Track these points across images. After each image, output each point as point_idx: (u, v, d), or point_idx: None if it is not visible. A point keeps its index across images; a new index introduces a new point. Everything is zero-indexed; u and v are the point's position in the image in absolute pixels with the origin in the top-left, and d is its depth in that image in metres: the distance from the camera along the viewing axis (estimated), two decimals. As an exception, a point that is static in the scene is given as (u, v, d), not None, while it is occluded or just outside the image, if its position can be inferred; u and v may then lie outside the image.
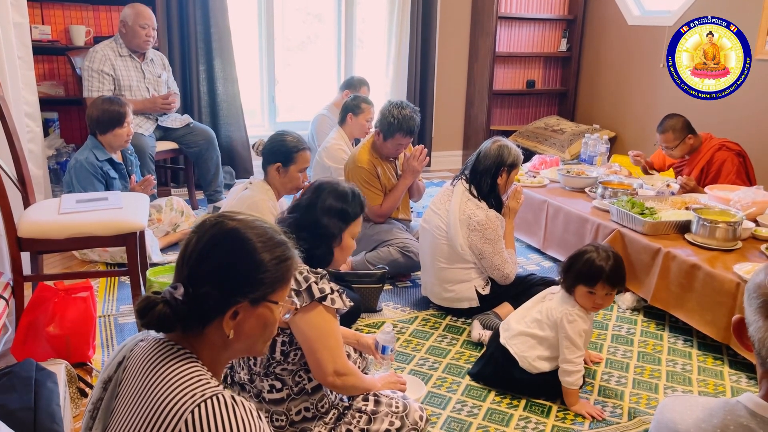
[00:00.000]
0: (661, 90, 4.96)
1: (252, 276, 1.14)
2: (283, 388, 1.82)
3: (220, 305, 1.12)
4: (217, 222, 1.17)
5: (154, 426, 1.02)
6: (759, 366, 1.01)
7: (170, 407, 1.03)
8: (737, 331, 1.05)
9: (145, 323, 1.11)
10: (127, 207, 2.68)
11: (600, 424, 2.22)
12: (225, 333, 1.14)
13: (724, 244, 2.82)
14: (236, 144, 4.89)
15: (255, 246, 1.15)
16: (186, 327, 1.13)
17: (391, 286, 3.27)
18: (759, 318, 0.98)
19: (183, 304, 1.10)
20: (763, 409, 0.98)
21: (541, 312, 2.29)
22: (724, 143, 3.55)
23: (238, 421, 1.03)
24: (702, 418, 1.03)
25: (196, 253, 1.14)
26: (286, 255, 1.19)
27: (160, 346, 1.14)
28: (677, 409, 1.08)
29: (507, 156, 2.80)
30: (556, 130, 5.51)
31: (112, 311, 2.91)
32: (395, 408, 1.93)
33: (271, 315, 1.19)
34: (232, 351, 1.19)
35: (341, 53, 5.42)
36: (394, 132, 3.26)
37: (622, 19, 5.28)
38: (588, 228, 3.29)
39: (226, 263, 1.13)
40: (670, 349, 2.74)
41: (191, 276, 1.13)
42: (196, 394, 1.04)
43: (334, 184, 1.93)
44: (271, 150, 2.81)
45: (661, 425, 1.09)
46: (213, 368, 1.15)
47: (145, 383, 1.09)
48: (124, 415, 1.09)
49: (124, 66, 3.94)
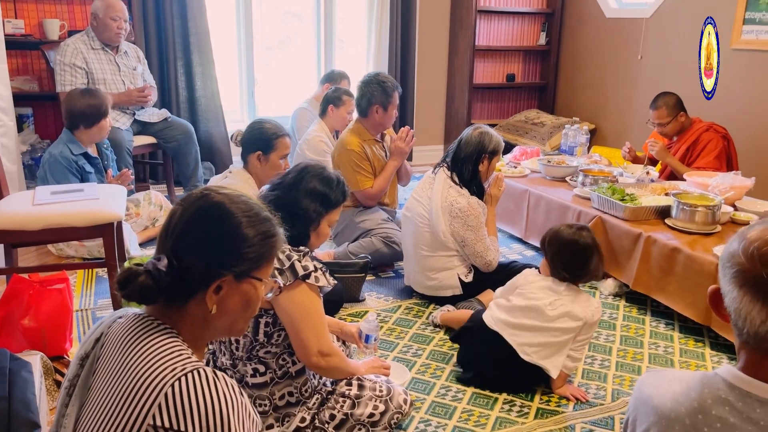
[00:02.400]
0: (639, 82, 5.00)
1: (236, 249, 1.12)
2: (266, 371, 1.80)
3: (204, 278, 1.10)
4: (203, 195, 1.15)
5: (133, 400, 1.00)
6: (736, 337, 1.00)
7: (150, 381, 1.00)
8: (713, 302, 1.04)
9: (126, 294, 1.08)
10: (104, 198, 2.64)
11: (584, 405, 2.22)
12: (207, 309, 1.12)
13: (704, 227, 2.85)
14: (215, 139, 4.83)
15: (240, 220, 1.13)
16: (168, 300, 1.11)
17: (373, 276, 3.25)
18: (734, 288, 0.96)
19: (166, 276, 1.08)
20: (742, 382, 0.97)
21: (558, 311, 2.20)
22: (711, 125, 3.62)
23: (220, 395, 1.01)
24: (679, 392, 1.02)
25: (181, 225, 1.12)
26: (271, 231, 1.18)
27: (139, 321, 1.11)
28: (655, 384, 1.07)
29: (488, 143, 2.79)
30: (536, 124, 5.53)
31: (90, 305, 2.86)
32: (379, 392, 1.91)
33: (254, 292, 1.17)
34: (213, 329, 1.17)
35: (321, 51, 5.39)
36: (392, 93, 3.30)
37: (600, 12, 5.32)
38: (569, 216, 3.30)
39: (211, 236, 1.11)
40: (652, 332, 2.76)
41: (175, 248, 1.11)
42: (176, 367, 1.02)
43: (320, 168, 1.91)
44: (250, 138, 2.78)
45: (639, 401, 1.08)
46: (194, 346, 1.13)
47: (123, 358, 1.06)
48: (102, 391, 1.06)
49: (97, 59, 3.87)
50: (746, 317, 0.95)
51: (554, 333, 2.18)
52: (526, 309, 2.22)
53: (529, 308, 2.22)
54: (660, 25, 4.78)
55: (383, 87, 3.29)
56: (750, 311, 0.94)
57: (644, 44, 4.92)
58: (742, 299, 0.95)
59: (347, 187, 1.92)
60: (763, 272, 0.92)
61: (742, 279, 0.95)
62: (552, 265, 2.25)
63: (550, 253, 2.25)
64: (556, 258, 2.24)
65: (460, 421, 2.11)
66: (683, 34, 4.58)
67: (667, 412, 1.01)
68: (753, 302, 0.94)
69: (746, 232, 0.99)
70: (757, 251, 0.94)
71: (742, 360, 1.00)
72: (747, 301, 0.94)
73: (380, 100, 3.28)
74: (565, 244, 2.22)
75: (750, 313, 0.94)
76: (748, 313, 0.95)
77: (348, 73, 4.58)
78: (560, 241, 2.23)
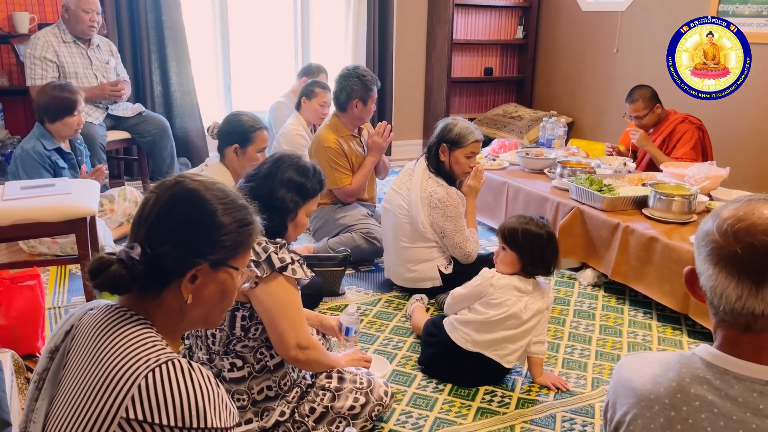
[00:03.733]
0: (616, 75, 5.04)
1: (212, 237, 1.09)
2: (244, 366, 1.77)
3: (179, 266, 1.07)
4: (177, 182, 1.12)
5: (105, 393, 0.96)
6: (712, 316, 1.00)
7: (122, 373, 0.97)
8: (689, 283, 1.04)
9: (97, 284, 1.05)
10: (76, 193, 2.58)
11: (564, 394, 2.22)
12: (182, 299, 1.09)
13: (680, 216, 2.87)
14: (191, 134, 4.76)
15: (216, 207, 1.10)
16: (142, 290, 1.07)
17: (353, 270, 3.23)
18: (709, 266, 0.97)
19: (140, 265, 1.04)
20: (719, 360, 0.97)
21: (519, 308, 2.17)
22: (687, 116, 3.67)
23: (195, 386, 0.98)
24: (658, 373, 1.02)
25: (155, 213, 1.09)
26: (247, 219, 1.15)
27: (111, 312, 1.08)
28: (634, 367, 1.07)
29: (447, 132, 2.77)
30: (514, 117, 5.55)
31: (63, 302, 2.80)
32: (359, 384, 1.90)
33: (231, 281, 1.14)
34: (188, 320, 1.13)
35: (298, 44, 5.34)
36: (372, 87, 3.27)
37: (576, 6, 5.34)
38: (548, 207, 3.31)
39: (186, 223, 1.08)
40: (631, 321, 2.78)
41: (149, 236, 1.08)
42: (150, 359, 0.99)
43: (295, 157, 1.88)
44: (227, 131, 2.74)
45: (619, 384, 1.08)
46: (169, 337, 1.10)
47: (95, 350, 1.03)
48: (72, 384, 1.03)
49: (68, 52, 3.79)
50: (722, 294, 0.95)
51: (528, 332, 2.18)
52: (503, 320, 2.14)
53: (506, 318, 2.14)
54: (635, 19, 4.82)
55: (363, 81, 3.26)
56: (726, 288, 0.94)
57: (620, 37, 4.95)
58: (717, 276, 0.95)
59: (324, 176, 1.90)
60: (738, 248, 0.93)
61: (717, 256, 0.95)
62: (524, 260, 2.18)
63: (523, 249, 2.17)
64: (530, 253, 2.16)
65: (441, 413, 2.10)
66: (658, 28, 4.63)
67: (647, 393, 1.01)
68: (728, 278, 0.94)
69: (720, 211, 1.00)
70: (730, 228, 0.94)
71: (718, 338, 1.00)
72: (722, 278, 0.95)
73: (360, 94, 3.25)
74: (537, 237, 2.16)
75: (726, 290, 0.95)
76: (723, 290, 0.95)
77: (326, 67, 4.55)
78: (532, 236, 2.16)
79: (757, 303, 0.92)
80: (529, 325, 2.16)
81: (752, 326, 0.94)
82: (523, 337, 2.17)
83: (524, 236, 2.17)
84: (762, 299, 0.92)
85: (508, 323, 2.14)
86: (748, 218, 0.94)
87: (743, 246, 0.92)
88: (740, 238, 0.93)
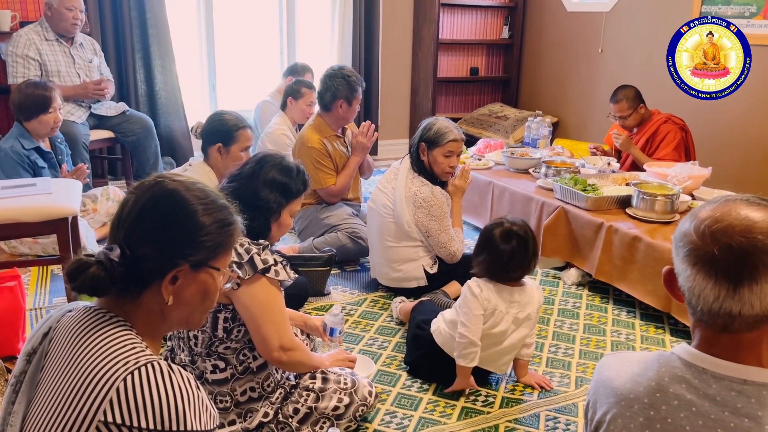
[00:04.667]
0: (600, 75, 5.07)
1: (192, 238, 1.08)
2: (226, 367, 1.76)
3: (160, 267, 1.06)
4: (157, 182, 1.11)
5: (83, 396, 0.95)
6: (690, 315, 1.01)
7: (100, 375, 0.96)
8: (668, 282, 1.04)
9: (76, 286, 1.04)
10: (57, 192, 2.55)
11: (548, 393, 2.23)
12: (163, 300, 1.08)
13: (663, 216, 2.89)
14: (176, 133, 4.73)
15: (196, 208, 1.09)
16: (122, 292, 1.06)
17: (339, 270, 3.22)
18: (687, 267, 0.96)
19: (119, 266, 1.03)
20: (697, 359, 0.98)
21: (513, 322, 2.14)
22: (670, 117, 3.69)
23: (175, 389, 0.97)
24: (637, 373, 1.02)
25: (134, 214, 1.07)
26: (228, 219, 1.14)
27: (90, 314, 1.07)
28: (614, 367, 1.07)
29: (426, 131, 2.78)
30: (500, 117, 5.56)
31: (45, 303, 2.77)
32: (343, 384, 1.89)
33: (212, 282, 1.13)
34: (169, 321, 1.12)
35: (283, 44, 5.32)
36: (357, 88, 3.26)
37: (561, 6, 5.37)
38: (533, 207, 3.32)
39: (166, 224, 1.07)
40: (615, 320, 2.79)
41: (128, 237, 1.06)
42: (129, 361, 0.98)
43: (278, 158, 1.87)
44: (210, 130, 2.72)
45: (599, 384, 1.08)
46: (148, 339, 1.09)
47: (73, 352, 1.02)
48: (50, 387, 1.02)
49: (51, 50, 3.75)
50: (700, 295, 0.95)
51: (516, 346, 2.18)
52: (517, 342, 2.15)
53: (495, 335, 2.12)
54: (619, 20, 4.85)
55: (348, 81, 3.25)
56: (703, 289, 0.94)
57: (604, 38, 4.98)
58: (695, 277, 0.95)
59: (307, 176, 1.89)
60: (715, 249, 0.93)
61: (694, 257, 0.95)
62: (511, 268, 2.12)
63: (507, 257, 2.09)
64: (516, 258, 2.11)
65: (426, 413, 2.10)
66: (642, 28, 4.66)
67: (626, 393, 1.01)
68: (706, 280, 0.94)
69: (697, 211, 1.00)
70: (708, 229, 0.94)
71: (696, 338, 1.00)
72: (700, 279, 0.95)
73: (345, 95, 3.25)
74: (526, 240, 2.12)
75: (703, 291, 0.95)
76: (701, 291, 0.95)
77: (311, 66, 4.54)
78: (523, 239, 2.11)
79: (735, 304, 0.92)
80: (518, 335, 2.14)
81: (730, 326, 0.95)
82: (511, 351, 2.18)
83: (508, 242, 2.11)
84: (739, 300, 0.92)
85: (495, 339, 2.12)
86: (725, 219, 0.94)
87: (720, 247, 0.92)
88: (717, 239, 0.93)
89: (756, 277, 0.91)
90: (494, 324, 2.10)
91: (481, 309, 2.07)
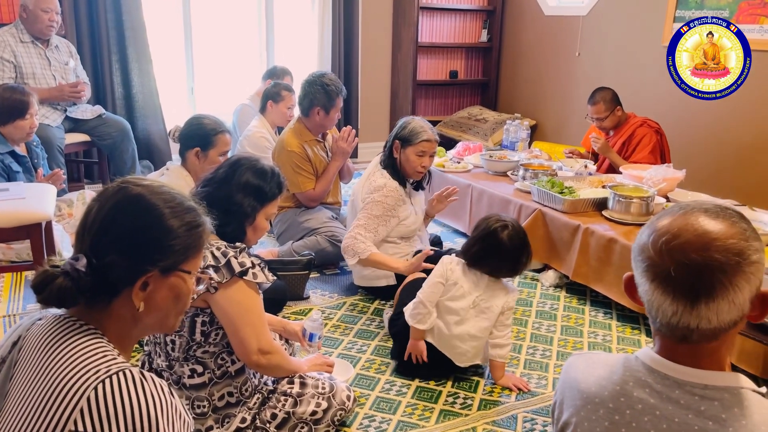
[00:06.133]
0: (577, 78, 5.12)
1: (161, 243, 1.07)
2: (204, 372, 1.75)
3: (129, 275, 1.05)
4: (121, 188, 1.09)
5: (53, 405, 0.94)
6: (651, 324, 1.01)
7: (71, 384, 0.95)
8: (628, 289, 1.04)
9: (42, 299, 1.02)
10: (31, 197, 2.52)
11: (526, 395, 2.25)
12: (134, 306, 1.06)
13: (638, 218, 2.93)
14: (154, 137, 4.69)
15: (163, 212, 1.08)
16: (91, 301, 1.05)
17: (318, 273, 3.21)
18: (645, 281, 0.96)
19: (86, 276, 1.02)
20: (658, 364, 0.99)
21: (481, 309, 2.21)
22: (645, 120, 3.74)
23: (147, 397, 0.96)
24: (603, 376, 1.03)
25: (99, 222, 1.06)
26: (197, 221, 1.13)
27: (60, 323, 1.05)
28: (580, 368, 1.08)
29: (401, 129, 2.81)
30: (479, 120, 5.60)
31: (18, 310, 2.73)
32: (321, 389, 1.89)
33: (184, 285, 1.12)
34: (142, 326, 1.11)
35: (262, 47, 5.30)
36: (335, 97, 3.26)
37: (539, 10, 5.42)
38: (511, 209, 3.35)
39: (132, 230, 1.06)
40: (592, 321, 2.82)
41: (94, 245, 1.05)
42: (100, 369, 0.97)
43: (253, 160, 1.86)
44: (188, 134, 2.71)
45: (566, 385, 1.09)
46: (121, 346, 1.08)
47: (43, 361, 1.00)
48: (20, 397, 1.00)
49: (26, 53, 3.70)
50: (659, 309, 0.95)
51: (477, 337, 2.23)
52: (476, 333, 2.21)
53: (474, 332, 2.21)
54: (596, 23, 4.91)
55: (326, 90, 3.24)
56: (662, 304, 0.94)
57: (581, 41, 5.04)
58: (653, 292, 0.95)
59: (283, 179, 1.88)
60: (671, 268, 0.92)
61: (652, 273, 0.95)
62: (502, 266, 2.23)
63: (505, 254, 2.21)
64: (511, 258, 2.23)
65: (404, 416, 2.10)
66: (618, 32, 4.72)
67: (592, 396, 1.03)
68: (664, 296, 0.94)
69: (656, 221, 0.98)
70: (665, 246, 0.93)
71: (657, 344, 1.01)
72: (658, 294, 0.94)
73: (322, 103, 3.24)
74: (526, 245, 2.26)
75: (662, 306, 0.94)
76: (660, 306, 0.95)
77: (291, 69, 4.52)
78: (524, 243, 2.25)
79: (692, 319, 0.92)
80: (477, 325, 2.19)
81: (688, 338, 0.95)
82: (469, 340, 2.20)
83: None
84: (697, 316, 0.92)
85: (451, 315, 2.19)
86: (682, 235, 0.93)
87: (677, 266, 0.91)
88: (674, 257, 0.92)
89: (713, 295, 0.90)
90: (453, 297, 2.19)
91: (442, 278, 2.20)
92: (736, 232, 0.92)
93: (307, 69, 5.34)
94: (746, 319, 0.95)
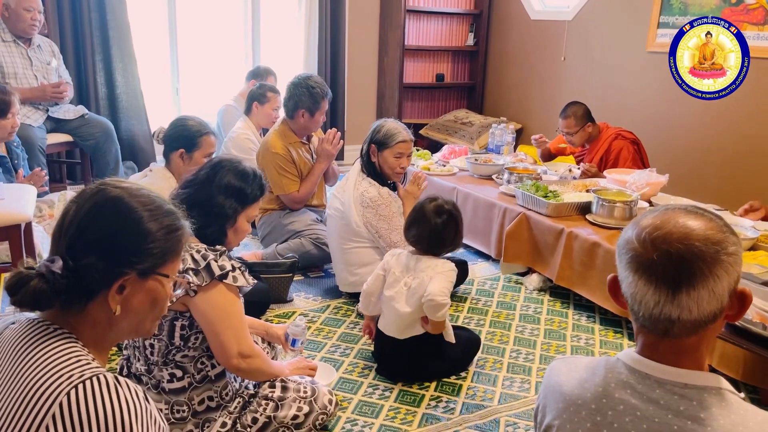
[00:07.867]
0: (563, 82, 5.15)
1: (138, 246, 1.06)
2: (184, 376, 1.73)
3: (105, 278, 1.03)
4: (99, 190, 1.08)
5: (24, 411, 0.93)
6: (634, 321, 1.04)
7: (43, 389, 0.93)
8: (612, 290, 1.07)
9: (16, 301, 1.00)
10: (10, 198, 2.48)
11: (509, 398, 2.25)
12: (110, 310, 1.05)
13: (622, 222, 2.95)
14: (138, 137, 4.65)
15: (141, 215, 1.07)
16: (66, 304, 1.03)
17: (302, 276, 3.20)
18: (629, 273, 1.00)
19: (62, 278, 1.00)
20: (640, 364, 1.01)
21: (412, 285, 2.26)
22: (619, 132, 3.74)
23: (121, 402, 0.95)
24: (585, 378, 1.05)
25: (76, 223, 1.04)
26: (175, 225, 1.12)
27: (33, 327, 1.04)
28: (563, 371, 1.10)
29: (376, 133, 2.82)
30: (465, 123, 5.61)
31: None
32: (303, 393, 1.88)
33: (161, 289, 1.11)
34: (118, 330, 1.10)
35: (248, 48, 5.28)
36: (320, 100, 3.25)
37: (525, 14, 5.44)
38: (495, 212, 3.35)
39: (110, 233, 1.04)
40: (575, 325, 2.83)
41: (71, 247, 1.03)
42: (73, 374, 0.95)
43: (234, 162, 1.85)
44: (173, 136, 2.68)
45: (549, 388, 1.11)
46: (96, 350, 1.06)
47: (15, 366, 0.99)
48: (-9, 403, 0.98)
49: (7, 52, 3.66)
50: (641, 300, 0.98)
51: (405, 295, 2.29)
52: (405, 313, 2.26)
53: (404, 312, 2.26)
54: (581, 28, 4.94)
55: (311, 92, 3.23)
56: (644, 295, 0.98)
57: (567, 46, 5.07)
58: (636, 283, 0.98)
59: (265, 181, 1.87)
60: (654, 255, 0.96)
61: (636, 264, 0.98)
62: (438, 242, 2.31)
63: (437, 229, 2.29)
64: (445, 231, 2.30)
65: (386, 420, 2.09)
66: (603, 37, 4.75)
67: (575, 399, 1.04)
68: (647, 285, 0.97)
69: (639, 219, 1.03)
70: (648, 236, 0.98)
71: (639, 343, 1.04)
72: (641, 284, 0.98)
73: (307, 105, 3.23)
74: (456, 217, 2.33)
75: (644, 297, 0.98)
76: (642, 297, 0.98)
77: (275, 70, 4.51)
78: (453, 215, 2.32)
79: (674, 309, 0.96)
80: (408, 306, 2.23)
81: (670, 331, 0.98)
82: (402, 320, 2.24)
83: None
84: (678, 305, 0.95)
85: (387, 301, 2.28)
86: (665, 227, 0.97)
87: (660, 254, 0.96)
88: (657, 246, 0.96)
89: (693, 283, 0.94)
90: (387, 285, 2.31)
91: (382, 269, 2.35)
92: (714, 225, 0.98)
93: (293, 70, 5.33)
94: (725, 318, 0.99)
